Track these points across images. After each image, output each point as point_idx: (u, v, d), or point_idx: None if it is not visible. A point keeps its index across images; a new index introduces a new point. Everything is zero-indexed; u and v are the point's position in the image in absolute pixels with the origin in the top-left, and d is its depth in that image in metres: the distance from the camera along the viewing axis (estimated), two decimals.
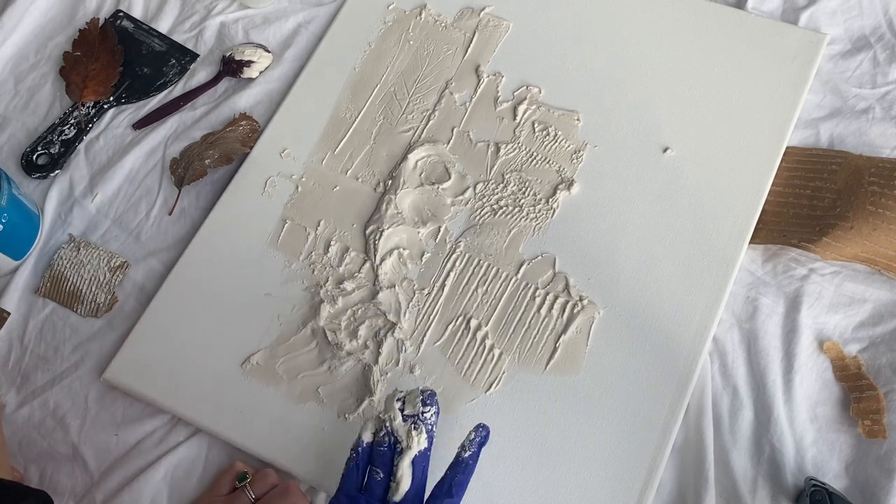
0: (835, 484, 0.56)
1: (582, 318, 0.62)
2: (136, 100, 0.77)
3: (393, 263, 0.66)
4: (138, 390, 0.63)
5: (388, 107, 0.73)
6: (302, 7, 0.80)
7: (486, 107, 0.72)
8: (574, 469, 0.57)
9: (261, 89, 0.76)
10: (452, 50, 0.75)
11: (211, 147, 0.72)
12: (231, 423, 0.61)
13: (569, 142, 0.69)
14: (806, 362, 0.60)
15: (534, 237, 0.66)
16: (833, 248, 0.61)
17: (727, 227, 0.64)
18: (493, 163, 0.69)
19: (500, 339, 0.62)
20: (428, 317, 0.64)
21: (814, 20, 0.73)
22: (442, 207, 0.68)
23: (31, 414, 0.64)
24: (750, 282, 0.63)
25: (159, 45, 0.80)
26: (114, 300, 0.68)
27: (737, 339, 0.61)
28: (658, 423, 0.58)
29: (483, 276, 0.65)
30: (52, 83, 0.79)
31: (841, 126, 0.68)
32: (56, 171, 0.74)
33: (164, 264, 0.69)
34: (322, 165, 0.71)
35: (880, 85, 0.69)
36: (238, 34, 0.79)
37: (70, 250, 0.70)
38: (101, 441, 0.63)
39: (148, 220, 0.71)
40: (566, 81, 0.72)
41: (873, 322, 0.61)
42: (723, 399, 0.60)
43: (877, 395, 0.58)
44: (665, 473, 0.58)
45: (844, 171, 0.65)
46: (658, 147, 0.67)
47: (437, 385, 0.61)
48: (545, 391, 0.60)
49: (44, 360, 0.66)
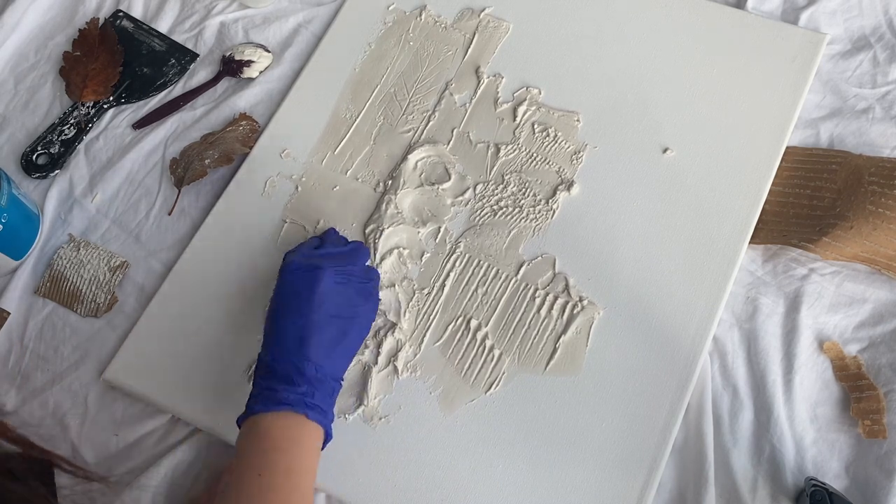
0: (835, 484, 0.56)
1: (582, 318, 0.62)
2: (135, 100, 0.77)
3: (393, 263, 0.66)
4: (138, 390, 0.63)
5: (388, 107, 0.73)
6: (302, 7, 0.80)
7: (486, 108, 0.72)
8: (574, 469, 0.57)
9: (261, 89, 0.76)
10: (452, 51, 0.75)
11: (211, 147, 0.72)
12: (231, 423, 0.61)
13: (569, 143, 0.69)
14: (806, 362, 0.60)
15: (534, 238, 0.66)
16: (833, 247, 0.61)
17: (727, 227, 0.64)
18: (493, 163, 0.69)
19: (500, 340, 0.62)
20: (428, 317, 0.64)
21: (814, 20, 0.73)
22: (442, 208, 0.68)
23: (31, 414, 0.64)
24: (750, 282, 0.63)
25: (159, 44, 0.80)
26: (114, 300, 0.68)
27: (737, 339, 0.61)
28: (658, 423, 0.58)
29: (483, 277, 0.65)
30: (51, 83, 0.79)
31: (841, 126, 0.68)
32: (56, 171, 0.74)
33: (164, 264, 0.69)
34: (322, 165, 0.71)
35: (880, 85, 0.69)
36: (238, 34, 0.79)
37: (70, 250, 0.70)
38: (101, 441, 0.63)
39: (148, 220, 0.71)
40: (566, 82, 0.72)
41: (873, 322, 0.61)
42: (723, 399, 0.60)
43: (877, 395, 0.58)
44: (665, 473, 0.58)
45: (844, 171, 0.65)
46: (658, 147, 0.67)
47: (437, 385, 0.61)
48: (545, 391, 0.60)
49: (44, 360, 0.66)
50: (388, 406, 0.61)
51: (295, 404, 0.51)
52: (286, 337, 0.54)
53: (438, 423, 0.60)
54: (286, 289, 0.56)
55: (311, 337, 0.53)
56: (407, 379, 0.61)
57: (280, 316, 0.55)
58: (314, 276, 0.55)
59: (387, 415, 0.60)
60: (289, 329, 0.54)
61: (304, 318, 0.54)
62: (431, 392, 0.61)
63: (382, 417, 0.60)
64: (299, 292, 0.55)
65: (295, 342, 0.53)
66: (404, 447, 0.59)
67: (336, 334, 0.54)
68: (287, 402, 0.51)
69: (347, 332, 0.55)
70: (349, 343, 0.56)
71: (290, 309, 0.55)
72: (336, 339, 0.54)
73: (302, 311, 0.54)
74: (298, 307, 0.54)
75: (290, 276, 0.56)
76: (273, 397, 0.51)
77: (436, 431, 0.59)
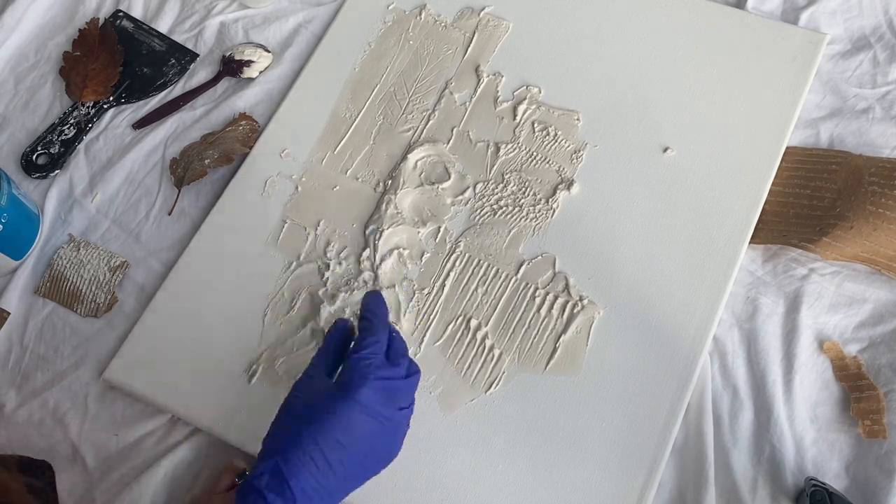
0: (835, 484, 0.56)
1: (582, 318, 0.62)
2: (135, 100, 0.77)
3: (393, 263, 0.66)
4: (138, 390, 0.63)
5: (387, 107, 0.73)
6: (302, 7, 0.80)
7: (486, 107, 0.72)
8: (574, 469, 0.57)
9: (260, 89, 0.76)
10: (452, 50, 0.75)
11: (211, 147, 0.72)
12: (231, 423, 0.61)
13: (569, 142, 0.69)
14: (806, 362, 0.60)
15: (534, 237, 0.66)
16: (833, 247, 0.61)
17: (727, 227, 0.64)
18: (493, 163, 0.69)
19: (499, 339, 0.62)
20: (428, 317, 0.64)
21: (814, 20, 0.73)
22: (442, 207, 0.68)
23: (31, 414, 0.64)
24: (750, 282, 0.63)
25: (159, 44, 0.80)
26: (114, 300, 0.68)
27: (737, 339, 0.61)
28: (658, 423, 0.58)
29: (483, 276, 0.65)
30: (51, 83, 0.79)
31: (841, 126, 0.68)
32: (56, 171, 0.74)
33: (163, 264, 0.69)
34: (322, 165, 0.71)
35: (880, 85, 0.69)
36: (238, 34, 0.80)
37: (70, 250, 0.70)
38: (101, 441, 0.63)
39: (148, 220, 0.71)
40: (566, 81, 0.72)
41: (873, 322, 0.61)
42: (723, 399, 0.60)
43: (877, 395, 0.58)
44: (665, 473, 0.58)
45: (844, 171, 0.65)
46: (658, 147, 0.67)
47: (437, 385, 0.61)
48: (545, 391, 0.60)
49: (44, 360, 0.66)
50: None
51: None
52: (305, 482, 0.44)
53: (438, 423, 0.60)
54: (351, 430, 0.44)
55: (332, 496, 0.45)
56: None
57: (318, 456, 0.44)
58: (393, 438, 0.45)
59: None
60: (323, 475, 0.44)
61: (342, 475, 0.45)
62: (431, 392, 0.61)
63: None
64: (363, 447, 0.45)
65: (310, 494, 0.44)
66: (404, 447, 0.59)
67: (354, 486, 0.47)
68: None
69: (361, 480, 0.47)
70: None
71: (343, 458, 0.45)
72: (346, 489, 0.47)
73: (352, 469, 0.45)
74: (350, 462, 0.45)
75: (361, 417, 0.44)
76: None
77: (436, 431, 0.59)
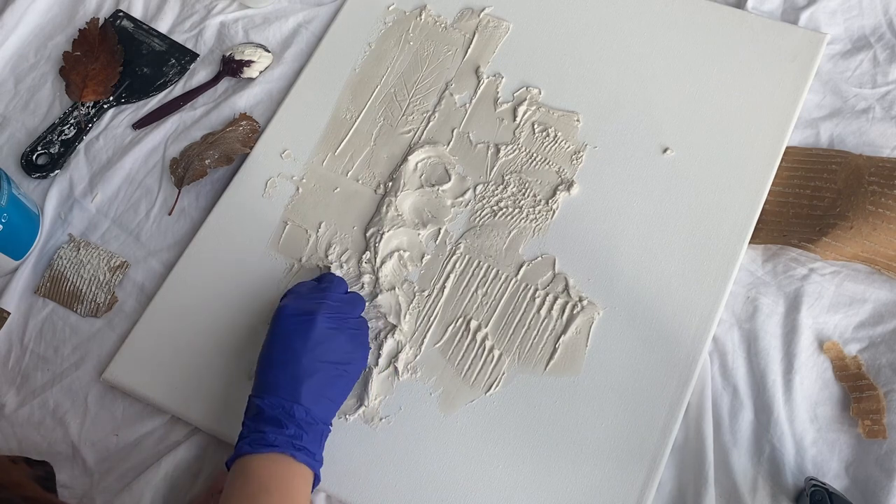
0: (835, 484, 0.56)
1: (582, 318, 0.62)
2: (135, 100, 0.77)
3: (393, 266, 0.66)
4: (138, 390, 0.63)
5: (388, 108, 0.73)
6: (302, 7, 0.80)
7: (486, 108, 0.72)
8: (574, 469, 0.57)
9: (261, 89, 0.76)
10: (452, 51, 0.75)
11: (211, 147, 0.72)
12: (231, 423, 0.61)
13: (569, 143, 0.69)
14: (806, 362, 0.60)
15: (534, 238, 0.66)
16: (833, 247, 0.61)
17: (727, 227, 0.64)
18: (493, 164, 0.69)
19: (499, 340, 0.62)
20: (428, 318, 0.64)
21: (814, 20, 0.73)
22: (442, 209, 0.68)
23: (31, 414, 0.64)
24: (750, 282, 0.63)
25: (159, 44, 0.80)
26: (114, 300, 0.68)
27: (737, 339, 0.62)
28: (658, 423, 0.58)
29: (483, 278, 0.65)
30: (51, 83, 0.79)
31: (841, 126, 0.68)
32: (56, 171, 0.74)
33: (164, 264, 0.69)
34: (322, 166, 0.71)
35: (880, 85, 0.69)
36: (238, 34, 0.79)
37: (70, 250, 0.70)
38: (101, 441, 0.63)
39: (148, 220, 0.71)
40: (566, 82, 0.72)
41: (873, 322, 0.61)
42: (723, 399, 0.60)
43: (877, 395, 0.58)
44: (665, 473, 0.58)
45: (844, 171, 0.65)
46: (658, 147, 0.67)
47: (438, 386, 0.61)
48: (545, 392, 0.60)
49: (44, 360, 0.66)
50: (389, 407, 0.61)
51: (283, 446, 0.51)
52: (277, 380, 0.54)
53: (438, 424, 0.60)
54: (279, 333, 0.56)
55: (303, 381, 0.53)
56: (407, 380, 0.62)
57: (272, 359, 0.55)
58: (308, 322, 0.56)
59: (387, 415, 0.60)
60: (280, 372, 0.54)
61: (295, 362, 0.54)
62: (432, 393, 0.61)
63: (383, 418, 0.60)
64: (292, 337, 0.55)
65: (286, 386, 0.53)
66: (404, 447, 0.59)
67: (326, 379, 0.55)
68: (275, 444, 0.51)
69: (338, 377, 0.56)
70: (339, 388, 0.56)
71: (283, 353, 0.55)
72: (326, 384, 0.55)
73: (294, 355, 0.54)
74: (291, 352, 0.55)
75: (283, 322, 0.56)
76: (262, 440, 0.51)
77: (436, 432, 0.60)
